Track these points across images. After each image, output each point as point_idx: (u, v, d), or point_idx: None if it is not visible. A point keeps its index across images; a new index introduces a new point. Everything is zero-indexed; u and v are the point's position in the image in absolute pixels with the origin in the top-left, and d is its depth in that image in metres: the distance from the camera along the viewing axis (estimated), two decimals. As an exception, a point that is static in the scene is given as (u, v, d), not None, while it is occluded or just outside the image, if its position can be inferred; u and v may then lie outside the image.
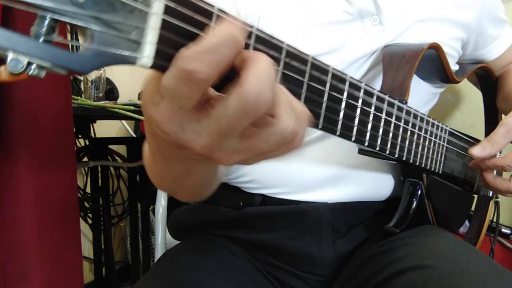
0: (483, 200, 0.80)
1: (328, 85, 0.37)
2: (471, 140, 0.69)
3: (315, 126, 0.38)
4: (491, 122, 0.83)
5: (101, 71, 1.27)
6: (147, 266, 1.63)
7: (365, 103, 0.43)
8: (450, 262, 0.45)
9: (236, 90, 0.25)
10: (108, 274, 1.58)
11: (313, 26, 0.58)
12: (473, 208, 0.82)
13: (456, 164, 0.65)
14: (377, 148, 0.46)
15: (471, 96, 0.97)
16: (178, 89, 0.25)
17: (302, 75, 0.35)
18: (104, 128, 1.71)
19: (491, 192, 0.78)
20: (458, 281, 0.41)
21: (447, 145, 0.61)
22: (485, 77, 0.81)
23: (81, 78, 1.35)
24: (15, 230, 0.74)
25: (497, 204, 0.81)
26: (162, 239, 0.97)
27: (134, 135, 1.93)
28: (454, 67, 0.68)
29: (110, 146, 1.64)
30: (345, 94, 0.40)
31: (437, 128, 0.57)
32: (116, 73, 1.58)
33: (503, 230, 1.05)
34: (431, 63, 0.60)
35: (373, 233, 0.62)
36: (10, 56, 0.22)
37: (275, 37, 0.32)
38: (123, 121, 1.92)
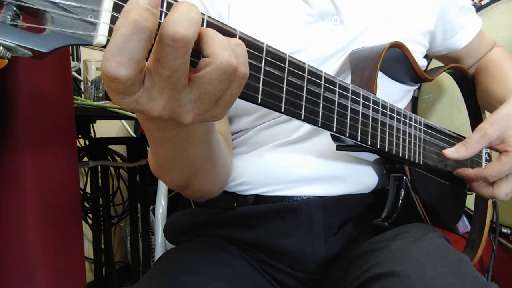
0: (480, 201, 0.81)
1: (305, 79, 0.43)
2: (451, 133, 0.69)
3: (298, 117, 0.43)
4: (475, 120, 0.84)
5: (101, 71, 1.27)
6: (147, 266, 1.63)
7: (341, 95, 0.48)
8: (418, 270, 0.45)
9: (159, 37, 0.29)
10: (108, 274, 1.58)
11: (277, 28, 0.60)
12: (471, 207, 0.82)
13: (440, 157, 0.66)
14: (358, 139, 0.51)
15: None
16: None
17: (282, 70, 0.41)
18: (104, 128, 1.71)
19: None
20: None
21: (424, 135, 0.63)
22: (461, 77, 0.82)
23: (81, 78, 1.35)
24: (21, 231, 0.74)
25: (495, 204, 0.81)
26: (162, 239, 0.97)
27: (134, 135, 1.93)
28: (422, 62, 0.69)
29: (110, 146, 1.64)
30: (322, 87, 0.45)
31: (410, 120, 0.60)
32: (116, 73, 1.58)
33: (503, 230, 1.06)
34: (399, 62, 0.63)
35: (363, 229, 0.63)
36: None
37: (256, 39, 0.37)
38: (123, 121, 1.92)
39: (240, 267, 0.59)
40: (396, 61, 0.62)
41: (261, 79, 0.38)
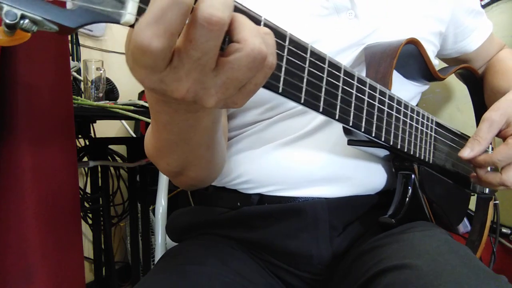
0: (482, 202, 0.81)
1: (326, 71, 0.42)
2: (460, 134, 0.69)
3: (317, 108, 0.42)
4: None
5: (101, 71, 1.27)
6: (147, 266, 1.63)
7: (359, 89, 0.47)
8: (429, 262, 0.45)
9: (193, 18, 0.28)
10: (108, 274, 1.58)
11: (291, 19, 0.60)
12: (473, 208, 0.82)
13: (448, 156, 0.66)
14: (373, 134, 0.50)
15: (471, 96, 0.97)
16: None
17: (304, 60, 0.40)
18: (104, 128, 1.72)
19: (487, 189, 0.78)
20: (434, 281, 0.42)
21: (435, 134, 0.63)
22: (470, 77, 0.82)
23: (81, 78, 1.35)
24: (20, 230, 0.74)
25: (496, 206, 0.81)
26: (162, 239, 0.97)
27: (134, 135, 1.93)
28: (434, 61, 0.69)
29: (110, 146, 1.64)
30: (341, 80, 0.45)
31: (423, 118, 0.60)
32: (116, 73, 1.58)
33: (503, 230, 1.05)
34: (413, 59, 0.62)
35: (369, 228, 0.62)
36: (5, 8, 0.24)
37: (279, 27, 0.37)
38: (123, 121, 1.92)
39: (247, 261, 0.60)
40: (410, 58, 0.61)
41: (283, 68, 0.38)
